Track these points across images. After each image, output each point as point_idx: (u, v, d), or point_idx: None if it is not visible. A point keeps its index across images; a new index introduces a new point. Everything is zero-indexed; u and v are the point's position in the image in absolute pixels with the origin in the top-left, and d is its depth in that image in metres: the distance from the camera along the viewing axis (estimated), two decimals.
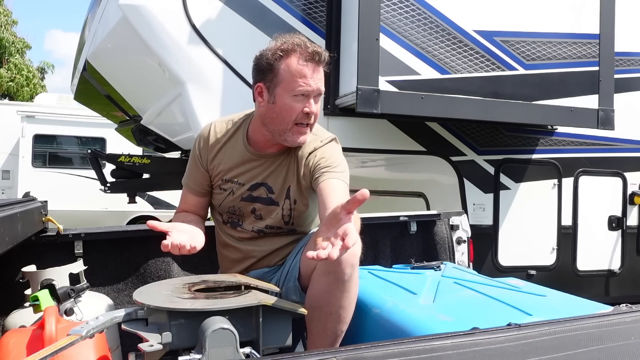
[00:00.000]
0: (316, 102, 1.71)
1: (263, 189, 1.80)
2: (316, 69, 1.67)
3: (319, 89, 1.69)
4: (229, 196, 1.82)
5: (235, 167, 1.81)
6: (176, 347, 1.23)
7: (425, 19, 3.11)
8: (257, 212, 1.81)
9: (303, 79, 1.65)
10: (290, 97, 1.67)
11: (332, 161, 1.74)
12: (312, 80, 1.66)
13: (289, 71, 1.66)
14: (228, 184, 1.82)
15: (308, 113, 1.68)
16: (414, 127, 3.54)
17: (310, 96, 1.68)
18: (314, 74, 1.66)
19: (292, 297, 1.70)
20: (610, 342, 0.81)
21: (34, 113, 8.69)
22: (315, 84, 1.67)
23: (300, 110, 1.68)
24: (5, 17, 15.80)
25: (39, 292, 1.54)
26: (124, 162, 4.17)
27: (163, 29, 3.02)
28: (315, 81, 1.67)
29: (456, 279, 1.94)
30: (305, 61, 1.65)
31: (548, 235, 3.89)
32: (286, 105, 1.68)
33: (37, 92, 15.69)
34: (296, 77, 1.65)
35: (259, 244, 1.84)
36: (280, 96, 1.69)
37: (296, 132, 1.71)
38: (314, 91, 1.68)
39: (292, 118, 1.69)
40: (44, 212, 1.99)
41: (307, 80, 1.66)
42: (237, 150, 1.82)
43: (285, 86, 1.67)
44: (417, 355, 0.72)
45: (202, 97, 3.07)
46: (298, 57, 1.65)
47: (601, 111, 3.52)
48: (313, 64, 1.66)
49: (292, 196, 1.80)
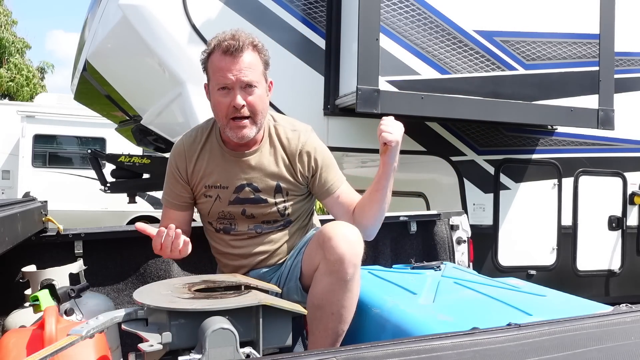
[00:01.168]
0: (248, 94, 1.68)
1: (248, 190, 1.77)
2: (235, 60, 1.65)
3: (241, 79, 1.66)
4: (216, 202, 1.80)
5: (215, 171, 1.79)
6: (176, 347, 1.23)
7: (425, 19, 3.11)
8: (247, 213, 1.79)
9: (220, 72, 1.66)
10: (216, 92, 1.70)
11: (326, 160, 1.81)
12: (230, 72, 1.65)
13: (212, 67, 1.70)
14: (212, 189, 1.79)
15: (234, 106, 1.66)
16: (414, 127, 3.54)
17: (235, 88, 1.66)
18: (232, 66, 1.65)
19: (293, 296, 1.70)
20: (610, 342, 0.81)
21: (34, 113, 8.68)
22: (234, 76, 1.65)
23: (227, 104, 1.67)
24: (5, 17, 15.79)
25: (39, 292, 1.53)
26: (124, 162, 4.18)
27: (163, 29, 3.02)
28: (234, 73, 1.65)
29: (456, 279, 1.94)
30: (222, 55, 1.66)
31: (548, 235, 3.88)
32: (215, 101, 1.71)
33: (37, 92, 15.69)
34: (216, 72, 1.68)
35: (257, 245, 1.82)
36: (212, 92, 1.73)
37: (234, 127, 1.69)
38: (235, 82, 1.66)
39: (223, 113, 1.69)
40: (44, 212, 1.99)
41: (224, 73, 1.65)
42: (214, 153, 1.80)
43: (212, 83, 1.72)
44: (417, 355, 0.72)
45: (202, 97, 3.04)
46: (216, 53, 1.68)
47: (601, 111, 3.52)
48: (229, 56, 1.65)
49: (283, 190, 1.79)
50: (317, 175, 1.79)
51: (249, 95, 1.68)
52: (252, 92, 1.69)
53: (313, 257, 1.63)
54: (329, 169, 1.80)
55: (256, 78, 1.69)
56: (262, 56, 1.73)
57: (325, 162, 1.80)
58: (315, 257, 1.61)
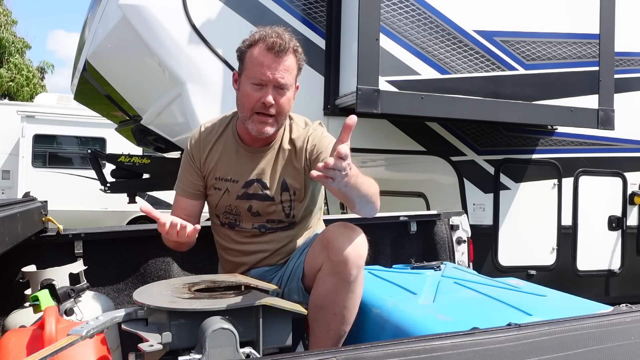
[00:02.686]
0: (279, 95, 1.69)
1: (257, 185, 1.79)
2: (277, 59, 1.67)
3: (277, 80, 1.67)
4: (225, 195, 1.82)
5: (227, 164, 1.81)
6: (176, 347, 1.23)
7: (425, 19, 3.11)
8: (253, 210, 1.80)
9: (259, 67, 1.67)
10: (249, 84, 1.70)
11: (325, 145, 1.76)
12: (269, 70, 1.66)
13: (250, 60, 1.70)
14: (222, 182, 1.82)
15: (264, 103, 1.67)
16: (414, 127, 3.54)
17: (269, 86, 1.68)
18: (273, 64, 1.66)
19: (294, 297, 1.70)
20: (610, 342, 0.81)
21: (34, 113, 8.69)
22: (272, 74, 1.66)
23: (257, 99, 1.68)
24: (5, 17, 15.79)
25: (39, 292, 1.54)
26: (124, 162, 4.17)
27: (163, 29, 3.02)
28: (274, 71, 1.66)
29: (456, 279, 1.94)
30: (266, 51, 1.67)
31: (548, 235, 3.88)
32: (245, 93, 1.71)
33: (37, 92, 15.69)
34: (255, 66, 1.68)
35: (260, 243, 1.83)
36: (243, 83, 1.73)
37: (256, 121, 1.71)
38: (271, 81, 1.67)
39: (250, 106, 1.70)
40: (44, 212, 1.99)
41: (263, 69, 1.67)
42: (228, 146, 1.82)
43: (247, 74, 1.71)
44: (417, 355, 0.72)
45: (202, 97, 3.07)
46: (260, 47, 1.68)
47: (601, 111, 3.52)
48: (272, 54, 1.66)
49: (291, 189, 1.80)
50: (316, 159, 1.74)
51: (280, 96, 1.70)
52: (283, 94, 1.71)
53: (316, 257, 1.63)
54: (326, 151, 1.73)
55: (290, 81, 1.71)
56: (299, 61, 1.75)
57: (324, 146, 1.76)
58: (318, 258, 1.62)
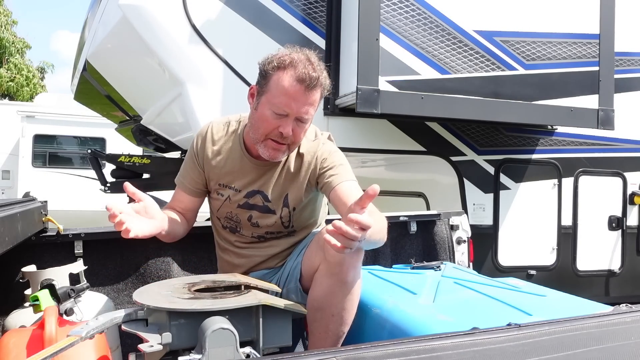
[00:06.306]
0: (299, 128, 1.63)
1: (259, 197, 1.78)
2: (305, 94, 1.59)
3: (301, 115, 1.61)
4: (226, 202, 1.80)
5: (231, 172, 1.79)
6: (176, 348, 1.23)
7: (425, 19, 3.11)
8: (253, 220, 1.80)
9: (285, 97, 1.59)
10: (269, 110, 1.62)
11: (335, 161, 1.73)
12: (295, 102, 1.59)
13: (277, 85, 1.60)
14: (225, 189, 1.80)
15: (281, 133, 1.62)
16: (414, 127, 3.54)
17: (290, 117, 1.61)
18: (301, 98, 1.59)
19: (293, 297, 1.70)
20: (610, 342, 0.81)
21: (34, 113, 8.69)
22: (297, 108, 1.59)
23: (274, 127, 1.62)
24: (5, 17, 15.80)
25: (39, 292, 1.53)
26: (124, 162, 4.17)
27: (163, 29, 3.02)
28: (300, 106, 1.59)
29: (456, 279, 1.94)
30: (296, 81, 1.58)
31: (548, 235, 3.88)
32: (263, 116, 1.64)
33: (37, 92, 15.70)
34: (281, 95, 1.59)
35: (259, 249, 1.84)
36: (262, 105, 1.65)
37: (269, 147, 1.66)
38: (295, 114, 1.61)
39: (266, 132, 1.64)
40: (44, 212, 1.99)
41: (289, 100, 1.59)
42: (234, 154, 1.79)
43: (269, 97, 1.62)
44: (417, 355, 0.72)
45: (202, 97, 3.07)
46: (290, 75, 1.59)
47: (601, 111, 3.52)
48: (302, 87, 1.58)
49: (291, 204, 1.78)
50: (323, 174, 1.75)
51: (299, 129, 1.64)
52: (302, 127, 1.66)
53: (313, 258, 1.63)
54: (335, 167, 1.74)
55: (312, 115, 1.66)
56: (323, 93, 1.68)
57: (333, 162, 1.74)
58: (315, 259, 1.61)
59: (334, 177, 1.70)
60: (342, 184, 1.67)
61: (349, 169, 1.75)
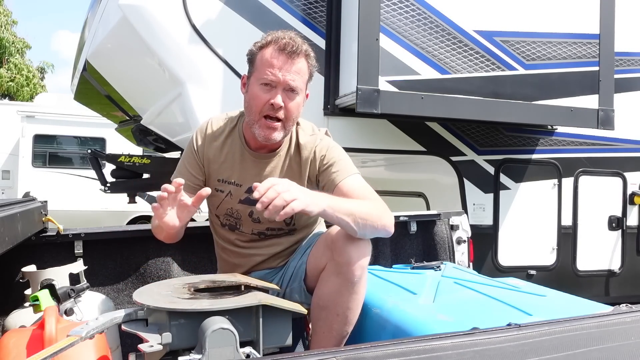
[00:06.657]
0: (289, 98, 1.66)
1: None
2: (288, 61, 1.64)
3: (287, 82, 1.64)
4: (227, 198, 1.80)
5: (231, 167, 1.79)
6: (176, 348, 1.23)
7: (425, 19, 3.11)
8: (254, 216, 1.79)
9: (270, 67, 1.64)
10: (258, 85, 1.67)
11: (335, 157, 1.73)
12: (280, 71, 1.63)
13: (261, 60, 1.67)
14: (225, 184, 1.80)
15: (272, 104, 1.64)
16: (414, 127, 3.54)
17: (278, 88, 1.65)
18: (284, 66, 1.64)
19: (296, 297, 1.70)
20: (610, 342, 0.81)
21: (34, 113, 8.68)
22: (282, 76, 1.63)
23: (265, 100, 1.65)
24: (5, 17, 15.80)
25: (39, 292, 1.53)
26: (124, 162, 4.17)
27: (163, 29, 3.02)
28: (284, 73, 1.64)
29: (456, 279, 1.94)
30: (278, 51, 1.64)
31: (548, 235, 3.88)
32: (254, 94, 1.68)
33: (37, 92, 15.69)
34: (265, 66, 1.65)
35: (260, 247, 1.83)
36: (251, 85, 1.70)
37: (264, 126, 1.68)
38: (281, 83, 1.64)
39: (258, 108, 1.67)
40: (44, 212, 1.99)
41: (273, 70, 1.63)
42: (234, 149, 1.79)
43: (256, 75, 1.68)
44: (417, 355, 0.72)
45: (202, 97, 3.07)
46: (272, 48, 1.65)
47: (601, 111, 3.52)
48: (284, 55, 1.64)
49: None
50: (324, 172, 1.74)
51: (289, 100, 1.66)
52: (293, 98, 1.67)
53: (320, 257, 1.63)
54: (335, 163, 1.73)
55: (300, 85, 1.68)
56: (310, 67, 1.72)
57: (332, 158, 1.74)
58: (322, 258, 1.61)
59: (334, 174, 1.70)
60: (343, 182, 1.67)
61: (348, 162, 1.75)
